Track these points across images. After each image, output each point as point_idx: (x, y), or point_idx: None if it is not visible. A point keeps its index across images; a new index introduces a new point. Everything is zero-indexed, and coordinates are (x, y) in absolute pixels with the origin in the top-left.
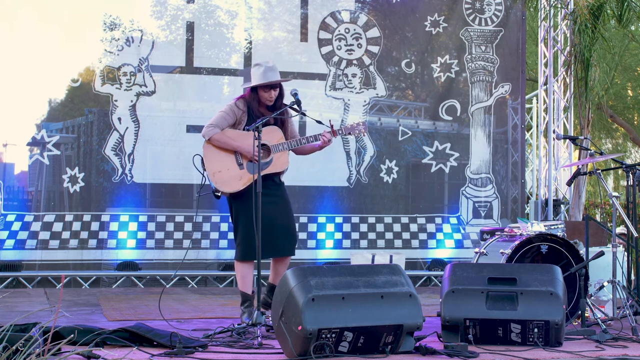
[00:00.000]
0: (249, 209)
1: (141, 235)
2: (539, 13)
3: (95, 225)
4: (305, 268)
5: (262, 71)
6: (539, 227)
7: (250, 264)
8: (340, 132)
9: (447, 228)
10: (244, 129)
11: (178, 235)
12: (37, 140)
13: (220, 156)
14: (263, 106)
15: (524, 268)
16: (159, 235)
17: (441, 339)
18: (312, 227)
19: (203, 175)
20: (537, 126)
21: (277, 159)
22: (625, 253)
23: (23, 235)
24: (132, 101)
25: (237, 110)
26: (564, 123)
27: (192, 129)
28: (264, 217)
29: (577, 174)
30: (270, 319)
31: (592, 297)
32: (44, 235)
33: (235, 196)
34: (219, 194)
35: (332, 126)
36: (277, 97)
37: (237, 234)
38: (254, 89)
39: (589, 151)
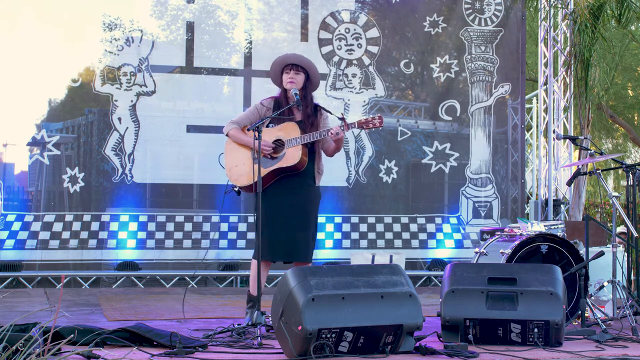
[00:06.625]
0: (266, 207)
1: (141, 235)
2: (539, 13)
3: (95, 225)
4: (305, 268)
5: (282, 56)
6: (539, 227)
7: (263, 264)
8: (353, 125)
9: (447, 228)
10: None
11: (178, 235)
12: (37, 140)
13: (238, 151)
14: (295, 107)
15: (524, 268)
16: (159, 235)
17: (441, 339)
18: None
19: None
20: (537, 126)
21: (289, 154)
22: (625, 253)
23: (23, 235)
24: (132, 101)
25: (260, 107)
26: (564, 123)
27: (192, 129)
28: (280, 216)
29: (577, 174)
30: (270, 319)
31: (592, 297)
32: (44, 235)
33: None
34: (237, 189)
35: (344, 119)
36: (305, 94)
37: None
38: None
39: (589, 151)
